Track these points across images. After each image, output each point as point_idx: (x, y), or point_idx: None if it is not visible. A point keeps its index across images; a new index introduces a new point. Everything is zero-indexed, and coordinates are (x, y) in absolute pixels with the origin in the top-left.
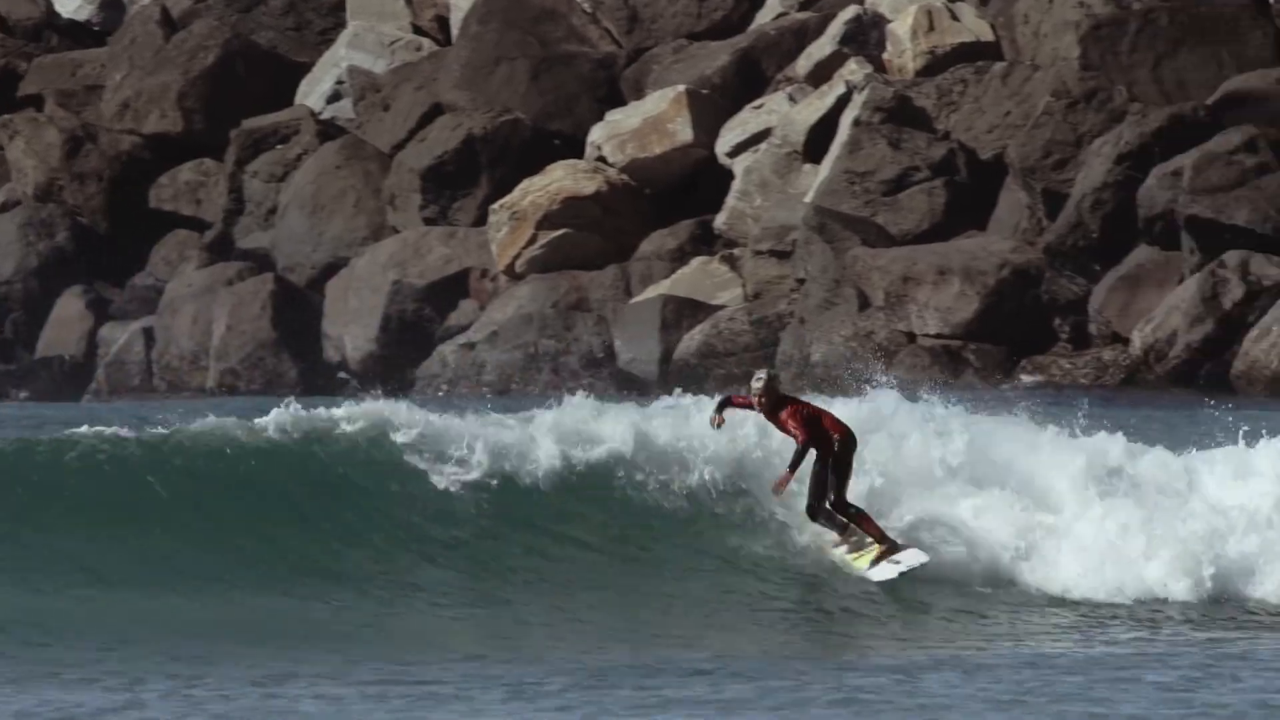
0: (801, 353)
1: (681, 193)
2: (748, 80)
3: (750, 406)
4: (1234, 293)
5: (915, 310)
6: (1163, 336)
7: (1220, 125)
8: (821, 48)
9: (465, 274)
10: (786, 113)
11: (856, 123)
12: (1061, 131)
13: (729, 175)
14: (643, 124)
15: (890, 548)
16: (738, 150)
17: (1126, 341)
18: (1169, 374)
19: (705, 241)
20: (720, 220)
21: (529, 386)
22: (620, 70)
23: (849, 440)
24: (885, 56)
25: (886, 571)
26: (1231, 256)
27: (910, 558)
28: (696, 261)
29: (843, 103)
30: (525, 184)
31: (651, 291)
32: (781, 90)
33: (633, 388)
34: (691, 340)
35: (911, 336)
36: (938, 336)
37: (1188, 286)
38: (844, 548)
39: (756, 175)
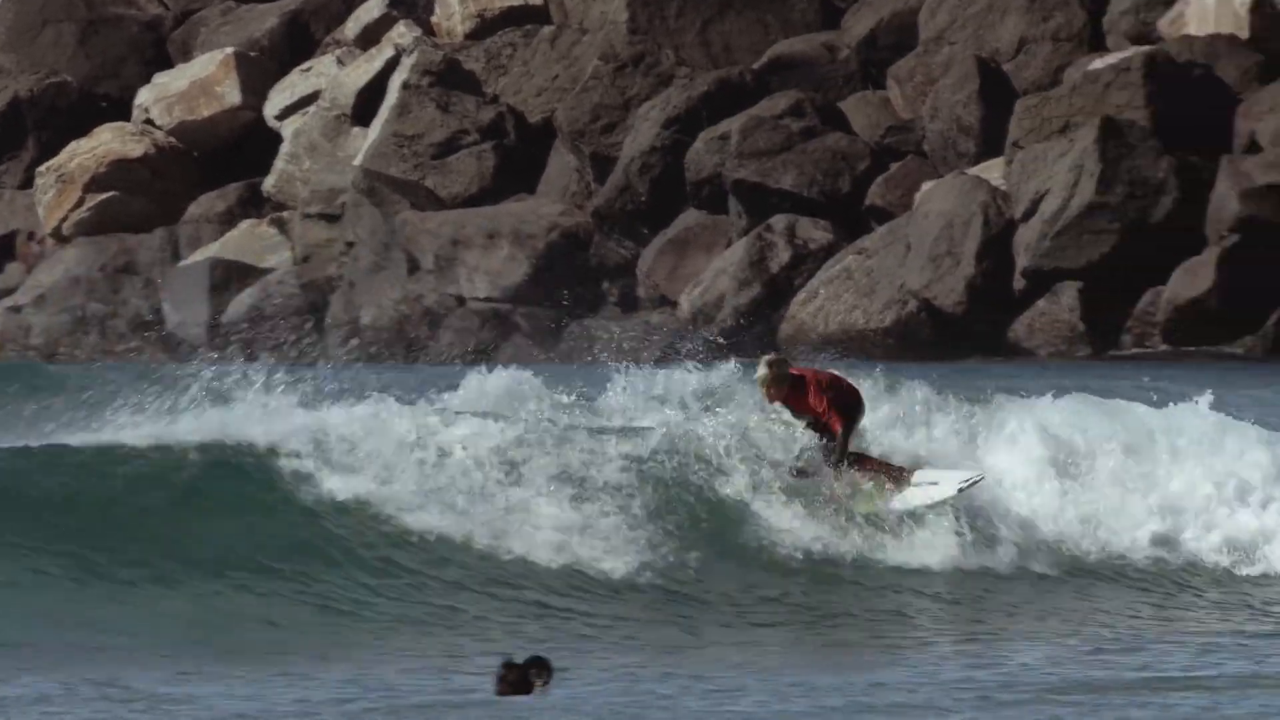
0: (350, 316)
1: (230, 155)
2: (296, 43)
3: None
4: (781, 256)
5: (465, 274)
6: (711, 300)
7: (767, 90)
8: (370, 10)
9: (11, 237)
10: (335, 76)
11: (405, 86)
12: (609, 95)
13: (278, 138)
14: (190, 86)
15: (902, 481)
16: (286, 113)
17: (675, 305)
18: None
19: (254, 204)
20: (269, 183)
21: (76, 350)
22: (168, 33)
23: (859, 407)
24: (434, 20)
25: (908, 502)
26: (778, 220)
27: (931, 488)
28: (245, 224)
29: (391, 66)
30: (72, 146)
31: (200, 255)
32: (330, 53)
33: (181, 351)
34: (240, 304)
35: (461, 300)
36: (487, 300)
37: (735, 250)
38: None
39: (305, 138)
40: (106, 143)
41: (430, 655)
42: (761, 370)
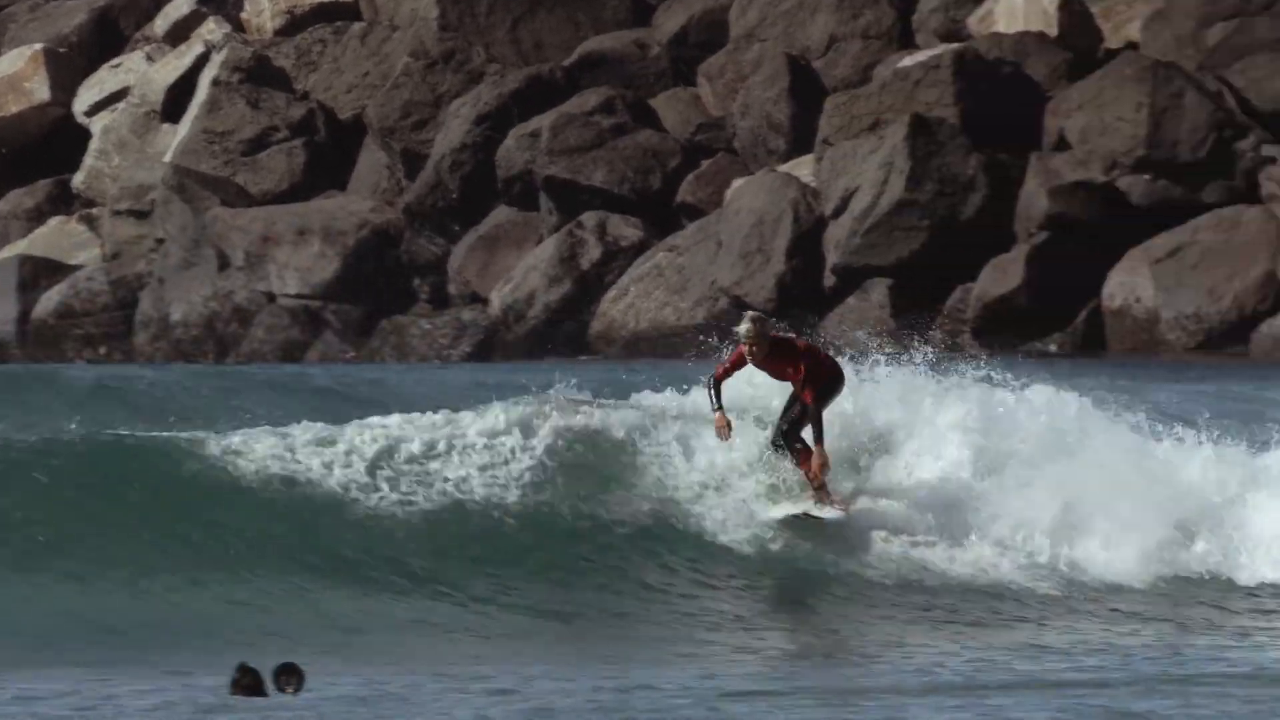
0: (160, 313)
1: (39, 152)
2: (106, 39)
3: (739, 365)
4: (591, 253)
5: (275, 270)
6: (521, 297)
7: (577, 87)
8: (179, 7)
9: None
10: (145, 72)
11: (215, 82)
12: (420, 92)
13: (87, 134)
14: None
15: (821, 495)
16: (95, 109)
17: (486, 302)
18: (528, 334)
19: (64, 201)
20: (78, 180)
21: None
22: None
23: (840, 378)
24: (244, 16)
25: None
26: (589, 217)
27: (828, 512)
28: (54, 221)
29: (201, 62)
30: None
31: (9, 251)
32: (139, 49)
33: None
34: (49, 300)
35: (271, 297)
36: (298, 297)
37: (546, 247)
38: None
39: (115, 135)
40: None
41: None
42: (745, 325)
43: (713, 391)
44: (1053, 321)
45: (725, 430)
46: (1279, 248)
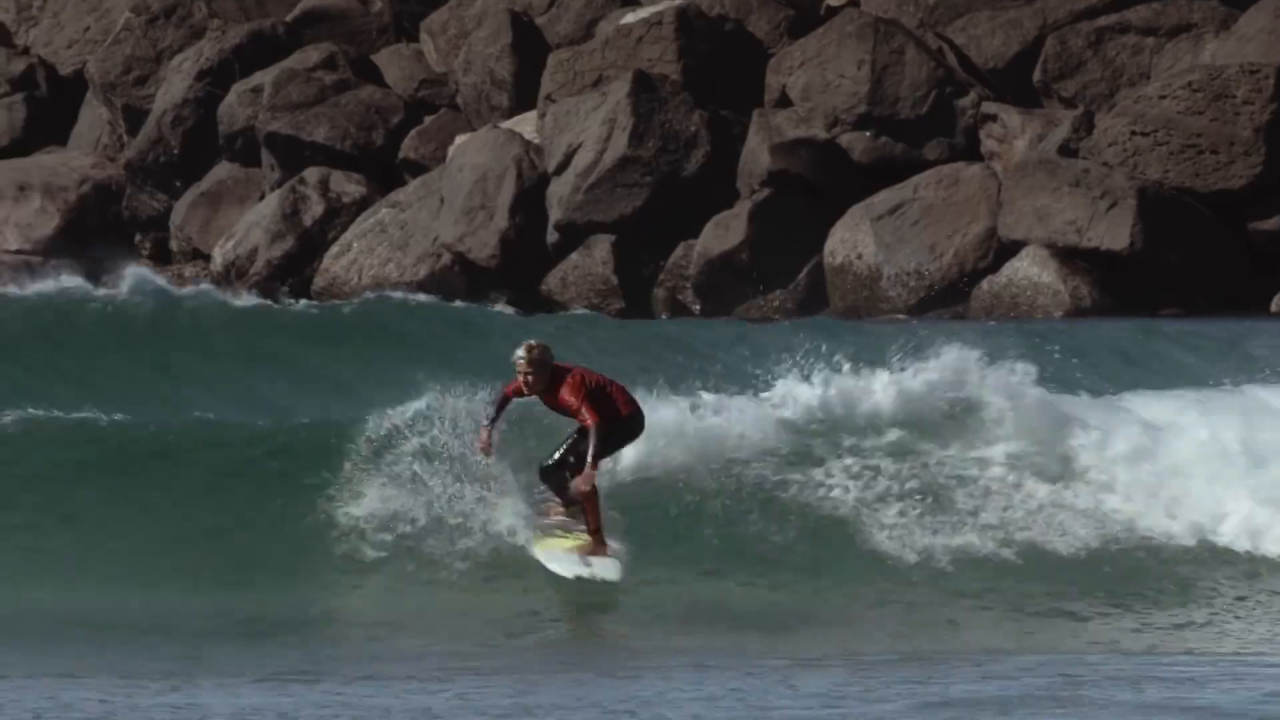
0: None
1: None
2: None
3: (519, 394)
4: (314, 209)
5: None
6: (244, 253)
7: (300, 42)
8: None
9: None
10: None
11: None
12: (141, 48)
13: None
14: None
15: (596, 547)
16: None
17: (208, 258)
18: (251, 290)
19: None
20: None
21: None
22: None
23: (635, 421)
24: None
25: (569, 566)
26: (312, 174)
27: (604, 568)
28: None
29: None
30: None
31: None
32: None
33: None
34: None
35: None
36: (19, 252)
37: (268, 203)
38: (558, 520)
39: None
40: None
41: None
42: (519, 351)
43: (493, 407)
44: (775, 278)
45: (487, 447)
46: (999, 205)
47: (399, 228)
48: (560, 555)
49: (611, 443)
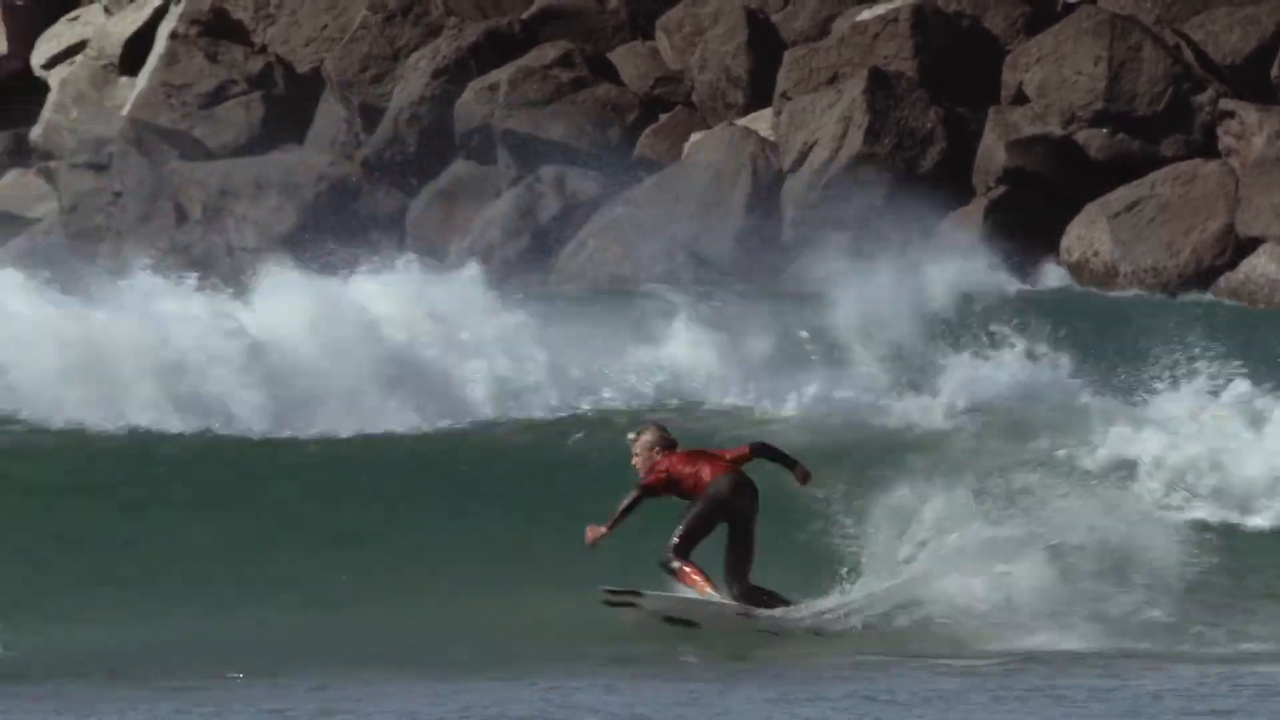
0: (121, 267)
1: None
2: None
3: (655, 488)
4: (550, 207)
5: (233, 224)
6: (480, 251)
7: (536, 40)
8: None
9: None
10: (102, 25)
11: (173, 36)
12: (378, 46)
13: (45, 87)
14: None
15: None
16: (53, 62)
17: (443, 255)
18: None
19: (21, 154)
20: (36, 133)
21: None
22: None
23: (741, 487)
24: None
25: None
26: (547, 171)
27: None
28: (12, 174)
29: (159, 15)
30: None
31: None
32: (97, 2)
33: None
34: (7, 253)
35: (230, 250)
36: (256, 250)
37: (504, 201)
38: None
39: (72, 88)
40: None
41: None
42: (631, 435)
43: (628, 504)
44: (1011, 275)
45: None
46: (1236, 201)
47: (634, 226)
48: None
49: (739, 538)
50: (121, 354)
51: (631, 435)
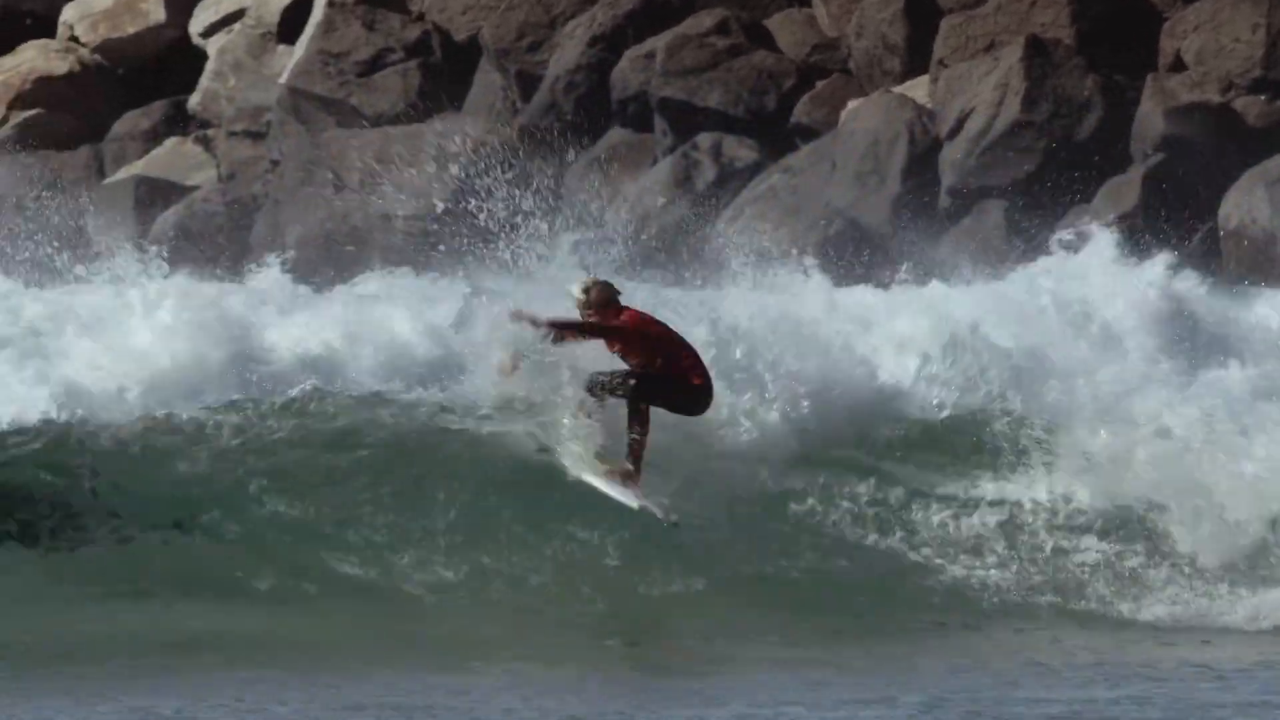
0: (277, 234)
1: (155, 73)
2: None
3: (580, 331)
4: (706, 174)
5: (391, 191)
6: (636, 218)
7: (692, 8)
8: None
9: None
10: None
11: (330, 4)
12: (535, 14)
13: (203, 56)
14: (115, 4)
15: (630, 475)
16: (211, 30)
17: (601, 224)
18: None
19: (179, 122)
20: (194, 101)
21: None
22: None
23: (704, 393)
24: None
25: (615, 490)
26: (704, 139)
27: (626, 495)
28: (170, 142)
29: None
30: None
31: (125, 173)
32: None
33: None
34: (166, 221)
35: (387, 218)
36: (413, 217)
37: (661, 168)
38: (596, 444)
39: (230, 56)
40: (31, 60)
41: None
42: (574, 289)
43: (580, 326)
44: (1168, 244)
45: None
46: None
47: (791, 193)
48: (600, 476)
49: (656, 391)
50: None
51: (580, 291)
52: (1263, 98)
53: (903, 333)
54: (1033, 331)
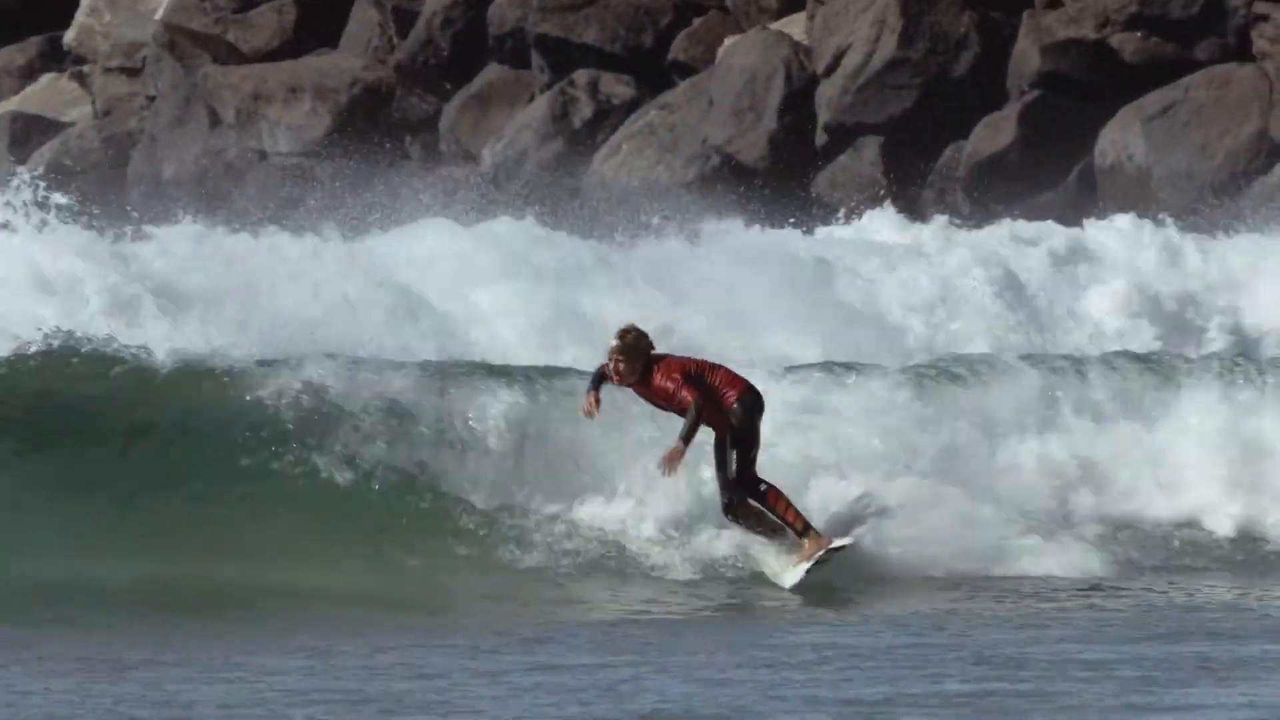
0: (153, 170)
1: (30, 8)
2: None
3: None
4: (584, 111)
5: (267, 128)
6: (513, 155)
7: None
8: None
9: None
10: None
11: None
12: None
13: None
14: None
15: (812, 545)
16: None
17: (477, 159)
18: (518, 191)
19: (55, 58)
20: (70, 37)
21: None
22: None
23: (751, 400)
24: None
25: (819, 558)
26: (581, 75)
27: (830, 550)
28: (46, 78)
29: None
30: None
31: (0, 109)
32: None
33: None
34: (41, 157)
35: (263, 154)
36: (289, 154)
37: (538, 105)
38: (775, 549)
39: None
40: None
41: None
42: (613, 340)
43: (591, 379)
44: (1044, 180)
45: (592, 409)
46: (1270, 106)
47: (668, 130)
48: (795, 573)
49: (741, 441)
50: None
51: (616, 339)
52: (1138, 34)
53: None
54: None
